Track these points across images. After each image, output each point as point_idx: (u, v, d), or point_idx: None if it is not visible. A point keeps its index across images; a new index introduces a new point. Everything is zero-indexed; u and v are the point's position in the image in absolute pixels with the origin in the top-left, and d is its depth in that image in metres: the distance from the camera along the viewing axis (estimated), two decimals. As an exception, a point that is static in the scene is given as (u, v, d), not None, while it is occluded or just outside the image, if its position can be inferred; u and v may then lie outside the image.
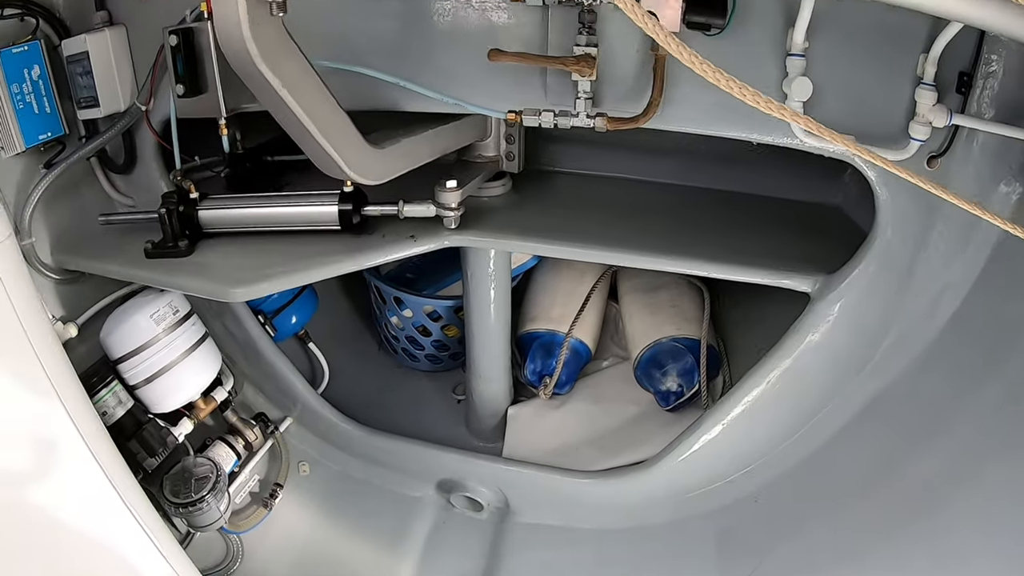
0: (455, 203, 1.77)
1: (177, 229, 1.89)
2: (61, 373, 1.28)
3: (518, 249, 1.84)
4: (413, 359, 2.64)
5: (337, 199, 1.82)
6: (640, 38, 1.52)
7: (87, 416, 1.32)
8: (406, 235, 1.83)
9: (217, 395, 2.25)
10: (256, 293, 1.73)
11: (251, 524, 2.37)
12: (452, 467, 2.36)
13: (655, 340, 2.18)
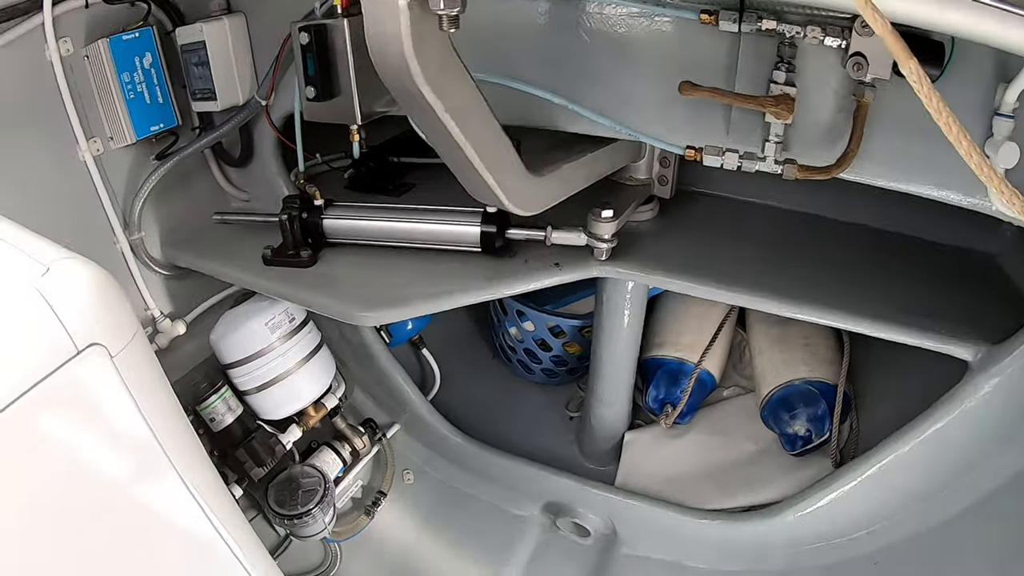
0: (609, 234, 1.60)
1: (299, 237, 1.78)
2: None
3: (664, 285, 1.67)
4: (528, 371, 2.49)
5: (480, 219, 1.67)
6: (839, 79, 1.30)
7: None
8: (550, 262, 1.67)
9: (328, 402, 2.14)
10: (388, 318, 1.62)
11: (352, 532, 2.27)
12: (562, 491, 2.22)
13: (787, 381, 2.00)
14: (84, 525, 1.04)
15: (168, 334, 1.98)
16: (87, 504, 1.04)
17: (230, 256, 1.88)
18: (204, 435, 2.00)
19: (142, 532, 1.13)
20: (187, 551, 1.24)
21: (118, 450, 1.07)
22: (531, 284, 1.65)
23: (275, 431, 2.04)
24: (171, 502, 1.17)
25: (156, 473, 1.13)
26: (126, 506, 1.10)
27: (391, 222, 1.75)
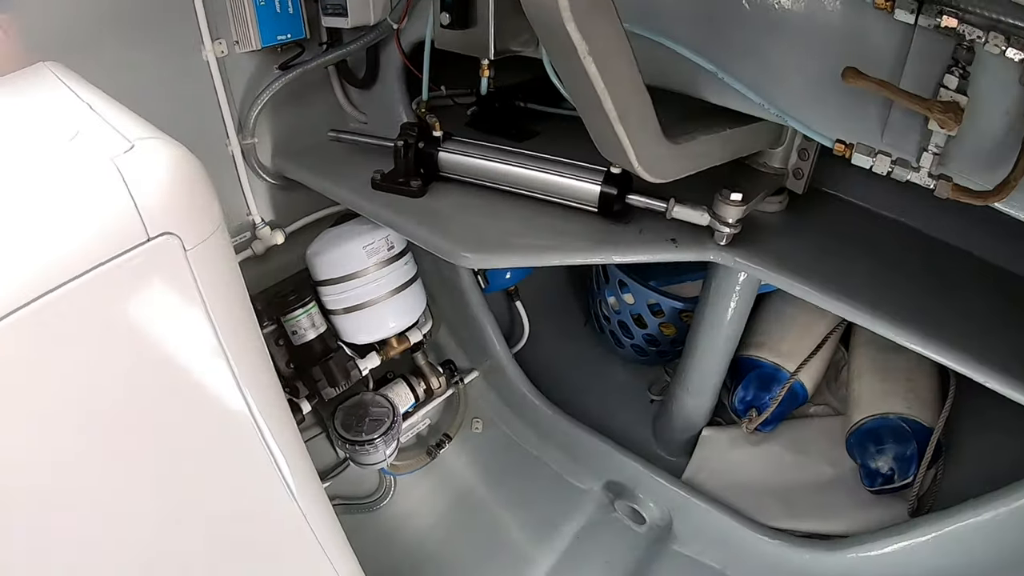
0: (734, 219, 1.47)
1: (412, 165, 1.69)
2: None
3: (780, 284, 1.52)
4: (618, 345, 2.38)
5: (602, 178, 1.55)
6: (1015, 98, 1.10)
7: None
8: (666, 237, 1.54)
9: (412, 336, 2.09)
10: (490, 263, 1.52)
11: (410, 468, 2.24)
12: (627, 472, 2.12)
13: (882, 413, 1.83)
14: (129, 416, 0.99)
15: (266, 242, 1.96)
16: (135, 397, 0.98)
17: (339, 175, 1.82)
18: (284, 346, 1.99)
19: (188, 432, 1.08)
20: (233, 459, 1.18)
21: (178, 350, 1.00)
22: (643, 256, 1.52)
23: (354, 355, 1.99)
24: (224, 409, 1.11)
25: (214, 379, 1.07)
26: (176, 406, 1.04)
27: (509, 165, 1.64)
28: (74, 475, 0.96)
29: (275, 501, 1.27)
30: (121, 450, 1.00)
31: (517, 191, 1.65)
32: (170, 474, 1.09)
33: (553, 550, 2.13)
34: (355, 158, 1.86)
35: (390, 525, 2.20)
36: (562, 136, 1.64)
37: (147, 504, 1.08)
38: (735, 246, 1.53)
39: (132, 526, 1.08)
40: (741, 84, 1.32)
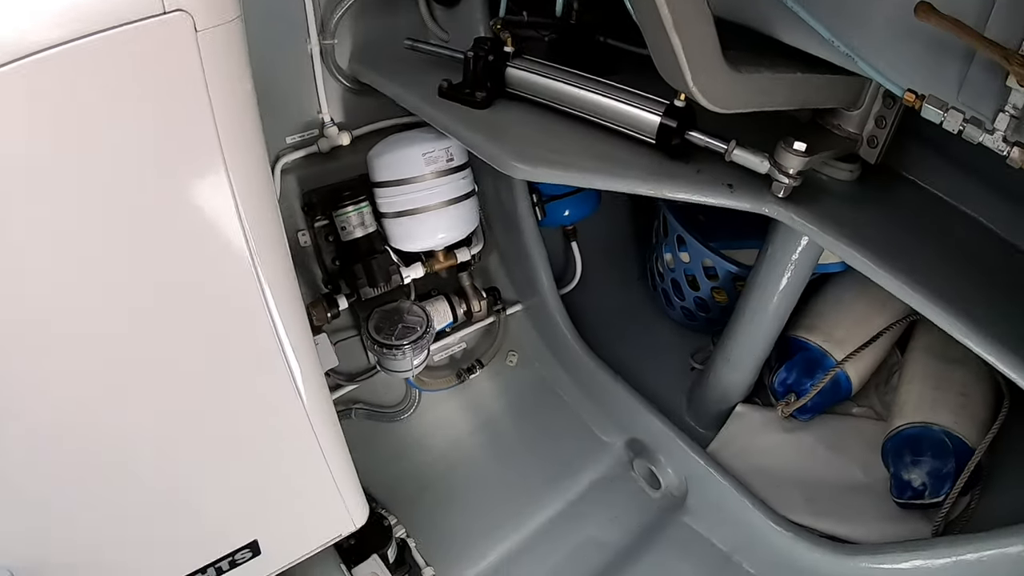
0: (795, 170, 1.33)
1: (480, 77, 1.61)
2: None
3: (843, 254, 1.37)
4: (668, 304, 2.28)
5: (663, 110, 1.45)
6: None
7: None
8: (723, 181, 1.42)
9: (460, 254, 2.03)
10: (540, 176, 1.44)
11: (438, 387, 2.19)
12: (654, 433, 2.03)
13: (926, 421, 1.67)
14: (108, 214, 0.93)
15: (332, 141, 1.94)
16: (120, 188, 0.92)
17: (410, 82, 1.76)
18: (333, 242, 1.98)
19: (171, 247, 1.00)
20: (223, 286, 1.09)
21: (175, 143, 0.93)
22: (695, 195, 1.41)
23: (399, 262, 1.95)
24: (219, 230, 1.03)
25: (209, 191, 0.99)
26: (165, 212, 0.97)
27: (573, 87, 1.54)
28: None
29: (266, 353, 1.19)
30: (100, 254, 0.95)
31: (579, 114, 1.56)
32: (153, 292, 1.02)
33: (563, 495, 2.07)
34: (428, 69, 1.79)
35: (409, 438, 2.17)
36: (638, 78, 1.55)
37: (123, 318, 1.02)
38: (795, 202, 1.40)
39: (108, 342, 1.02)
40: (814, 19, 1.19)
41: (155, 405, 1.11)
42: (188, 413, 1.15)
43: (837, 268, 1.91)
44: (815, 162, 1.34)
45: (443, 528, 2.01)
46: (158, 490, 1.19)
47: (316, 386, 1.30)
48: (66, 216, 0.90)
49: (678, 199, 1.43)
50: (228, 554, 1.31)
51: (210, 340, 1.12)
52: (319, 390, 1.31)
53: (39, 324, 0.95)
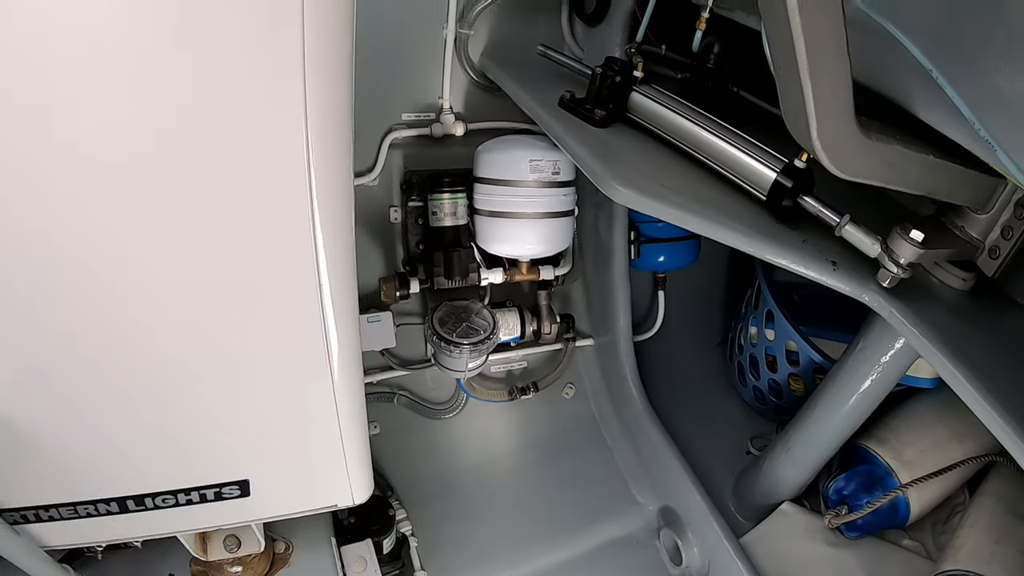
0: (907, 260, 1.18)
1: (603, 96, 1.54)
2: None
3: (938, 365, 1.19)
4: (741, 380, 2.11)
5: (781, 167, 1.32)
6: None
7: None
8: (828, 256, 1.28)
9: (544, 271, 1.94)
10: (639, 205, 1.33)
11: (487, 397, 2.09)
12: (690, 507, 1.87)
13: (979, 573, 1.45)
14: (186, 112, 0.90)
15: (446, 128, 1.91)
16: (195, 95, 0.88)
17: (532, 87, 1.70)
18: (422, 226, 1.93)
19: (234, 162, 0.96)
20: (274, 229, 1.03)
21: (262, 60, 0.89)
22: (796, 265, 1.26)
23: (481, 262, 1.88)
24: (285, 147, 0.97)
25: (286, 111, 0.94)
26: (233, 123, 0.93)
27: (692, 123, 1.43)
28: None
29: (304, 296, 1.11)
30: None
31: (694, 154, 1.44)
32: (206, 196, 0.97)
33: (580, 543, 1.94)
34: (554, 80, 1.73)
35: (445, 439, 2.08)
36: (763, 136, 1.44)
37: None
38: (899, 297, 1.24)
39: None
40: (955, 91, 1.04)
41: (181, 301, 1.05)
42: (211, 324, 1.09)
43: (926, 384, 1.70)
44: (929, 257, 1.18)
45: (450, 538, 1.91)
46: (161, 394, 1.13)
47: (349, 351, 1.21)
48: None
49: (777, 264, 1.28)
50: (216, 484, 1.25)
51: (252, 261, 1.05)
52: (351, 355, 1.22)
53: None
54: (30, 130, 0.85)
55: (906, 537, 1.74)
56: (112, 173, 0.91)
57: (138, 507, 1.23)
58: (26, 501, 1.18)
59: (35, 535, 1.22)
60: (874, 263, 1.23)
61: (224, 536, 1.46)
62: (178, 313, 1.06)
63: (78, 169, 0.89)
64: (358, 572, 1.57)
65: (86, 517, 1.22)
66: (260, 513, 1.35)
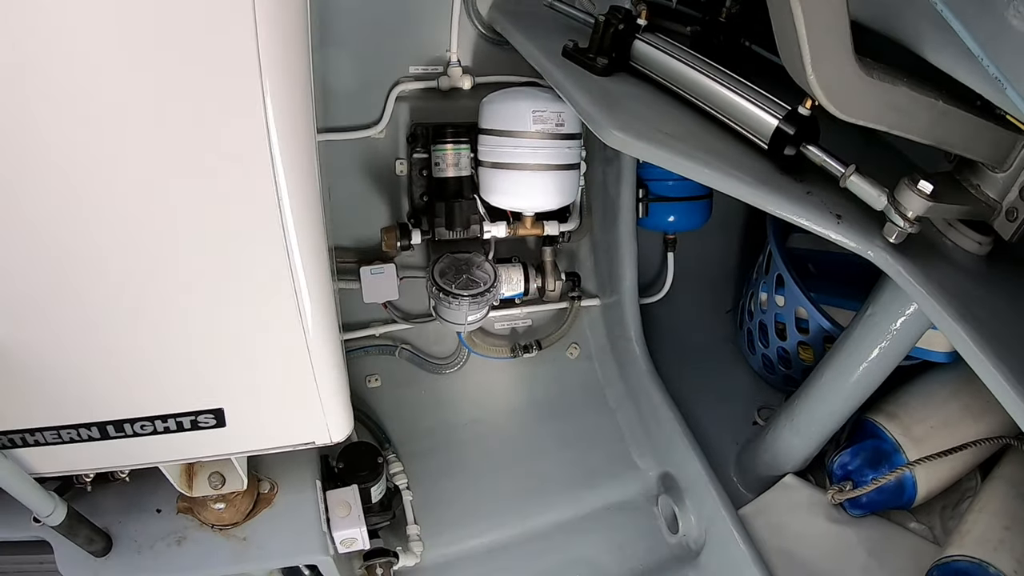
0: (914, 213, 1.05)
1: (605, 44, 1.43)
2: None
3: (950, 333, 1.07)
4: (750, 348, 1.99)
5: (784, 114, 1.20)
6: None
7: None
8: (832, 209, 1.15)
9: (549, 227, 1.83)
10: (633, 149, 1.23)
11: (488, 353, 2.00)
12: (690, 474, 1.76)
13: (982, 560, 1.34)
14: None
15: (453, 81, 1.82)
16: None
17: (538, 38, 1.59)
18: (425, 178, 1.84)
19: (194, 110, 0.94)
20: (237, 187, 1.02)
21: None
22: (799, 217, 1.14)
23: (484, 214, 1.79)
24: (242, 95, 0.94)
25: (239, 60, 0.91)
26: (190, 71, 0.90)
27: (693, 69, 1.32)
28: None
29: (268, 237, 1.08)
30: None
31: (696, 102, 1.33)
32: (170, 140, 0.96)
33: (576, 505, 1.85)
34: (563, 31, 1.60)
35: (445, 394, 2.00)
36: (772, 88, 1.32)
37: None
38: (908, 256, 1.11)
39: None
40: (963, 26, 0.91)
41: (156, 239, 1.04)
42: (184, 257, 1.07)
43: (940, 358, 1.56)
44: (939, 212, 1.05)
45: (444, 493, 1.84)
46: (137, 322, 1.11)
47: (318, 287, 1.16)
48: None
49: (779, 215, 1.16)
50: (192, 411, 1.22)
51: (219, 201, 1.03)
52: (321, 293, 1.17)
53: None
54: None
55: (913, 520, 1.63)
56: (92, 126, 0.92)
57: (118, 433, 1.22)
58: (9, 424, 1.18)
59: (22, 460, 1.23)
60: (882, 218, 1.11)
61: (209, 473, 1.43)
62: (154, 249, 1.05)
63: (66, 110, 0.90)
64: (341, 516, 1.51)
65: (69, 442, 1.21)
66: (237, 446, 1.32)
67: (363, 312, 1.94)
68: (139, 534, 1.42)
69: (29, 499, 1.23)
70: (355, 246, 1.89)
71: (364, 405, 1.94)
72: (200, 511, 1.46)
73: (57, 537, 1.34)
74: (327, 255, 1.18)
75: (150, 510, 1.47)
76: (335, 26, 1.67)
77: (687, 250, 2.09)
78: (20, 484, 1.20)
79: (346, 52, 1.71)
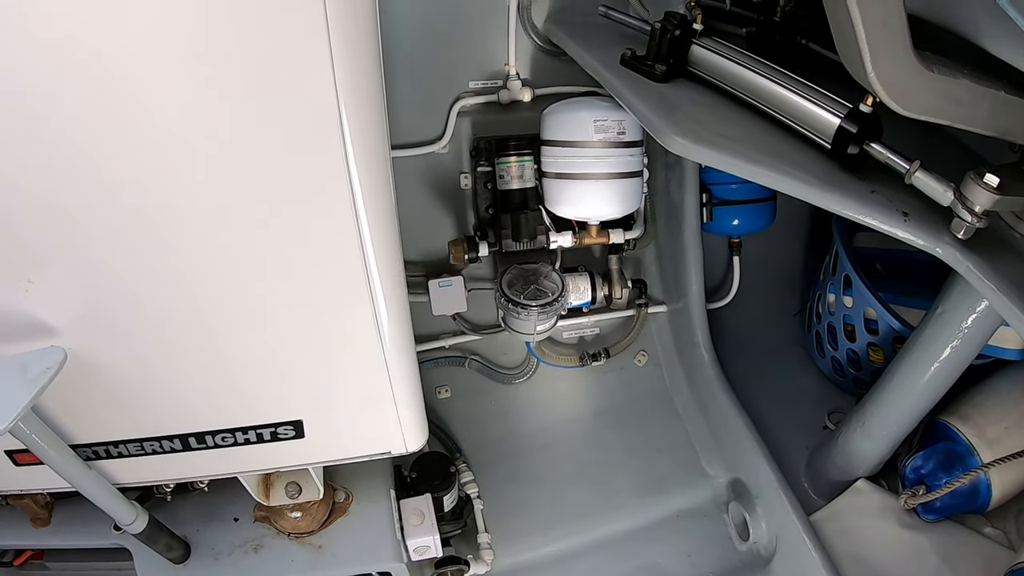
0: (982, 207, 1.03)
1: (663, 51, 1.43)
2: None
3: (1022, 328, 1.08)
4: (819, 351, 1.96)
5: (845, 112, 1.19)
6: None
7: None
8: (898, 207, 1.13)
9: (614, 235, 1.83)
10: (694, 154, 1.24)
11: (557, 362, 2.02)
12: (760, 481, 1.74)
13: None
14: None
15: (513, 94, 1.84)
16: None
17: (595, 48, 1.61)
18: (491, 191, 1.87)
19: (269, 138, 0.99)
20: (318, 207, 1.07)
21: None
22: (865, 216, 1.12)
23: (550, 225, 1.80)
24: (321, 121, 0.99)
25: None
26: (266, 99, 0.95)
27: (753, 72, 1.31)
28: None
29: (348, 259, 1.13)
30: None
31: (758, 105, 1.32)
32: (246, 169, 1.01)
33: (646, 512, 1.85)
34: (618, 40, 1.61)
35: (514, 403, 2.03)
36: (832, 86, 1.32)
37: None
38: (977, 252, 1.09)
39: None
40: (1019, 13, 0.89)
41: (237, 260, 1.10)
42: (264, 277, 1.13)
43: (1013, 356, 1.51)
44: (1007, 205, 1.03)
45: (514, 501, 1.86)
46: (219, 339, 1.18)
47: (395, 302, 1.20)
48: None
49: (845, 215, 1.15)
50: (272, 423, 1.28)
51: (299, 219, 1.08)
52: (397, 307, 1.21)
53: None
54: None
55: (988, 524, 1.58)
56: (179, 148, 0.97)
57: (200, 445, 1.28)
58: (97, 437, 1.24)
59: (106, 472, 1.30)
60: (949, 214, 1.09)
61: (286, 482, 1.49)
62: (238, 270, 1.11)
63: (152, 137, 0.95)
64: (415, 525, 1.55)
65: (152, 454, 1.28)
66: (315, 456, 1.37)
67: (433, 324, 1.98)
68: (217, 542, 1.48)
69: (112, 508, 1.30)
70: (423, 260, 1.94)
71: (435, 415, 1.98)
72: (277, 520, 1.52)
73: (137, 545, 1.40)
74: (402, 270, 1.22)
75: (228, 519, 1.53)
76: (394, 45, 1.71)
77: (753, 253, 2.07)
78: (104, 494, 1.27)
79: (407, 70, 1.76)
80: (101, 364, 1.14)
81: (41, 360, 1.06)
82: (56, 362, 1.06)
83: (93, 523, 1.45)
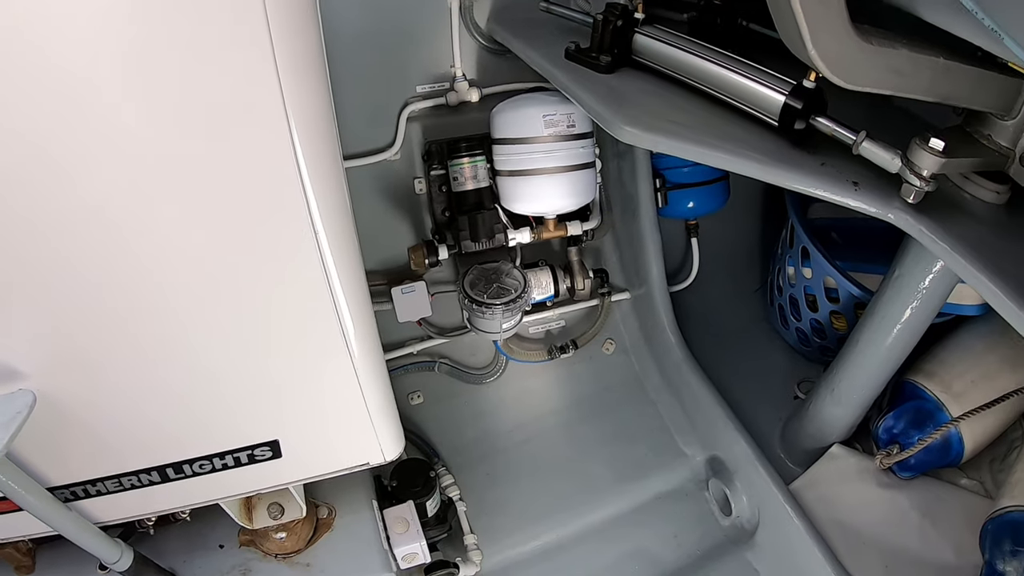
0: (929, 171, 1.06)
1: (606, 42, 1.45)
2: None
3: (979, 286, 1.08)
4: (783, 323, 1.99)
5: (789, 90, 1.22)
6: None
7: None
8: (849, 177, 1.16)
9: (572, 227, 1.84)
10: (644, 141, 1.25)
11: (526, 358, 2.02)
12: (737, 455, 1.77)
13: None
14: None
15: (461, 95, 1.84)
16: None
17: (539, 44, 1.61)
18: (445, 193, 1.87)
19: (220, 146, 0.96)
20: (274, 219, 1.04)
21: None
22: (817, 188, 1.15)
23: (507, 222, 1.81)
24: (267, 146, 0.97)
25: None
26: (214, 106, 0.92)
27: (697, 57, 1.33)
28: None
29: (308, 269, 1.11)
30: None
31: (703, 88, 1.34)
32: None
33: (628, 498, 1.86)
34: (562, 34, 1.63)
35: (487, 403, 2.03)
36: (779, 67, 1.34)
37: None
38: (928, 215, 1.11)
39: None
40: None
41: (199, 283, 1.07)
42: (227, 299, 1.10)
43: (971, 311, 1.56)
44: (953, 167, 1.06)
45: (497, 500, 1.86)
46: (188, 366, 1.15)
47: (360, 313, 1.19)
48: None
49: (797, 189, 1.17)
50: (248, 446, 1.25)
51: (257, 237, 1.06)
52: (363, 318, 1.20)
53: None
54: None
55: (963, 476, 1.62)
56: (130, 174, 0.94)
57: (178, 475, 1.26)
58: (73, 477, 1.21)
59: (86, 511, 1.26)
60: (898, 180, 1.12)
61: (268, 504, 1.47)
62: (200, 295, 1.08)
63: (103, 163, 0.92)
64: (400, 533, 1.54)
65: (131, 489, 1.25)
66: (295, 474, 1.35)
67: (399, 331, 1.97)
68: (205, 571, 1.46)
69: (96, 548, 1.26)
70: (384, 268, 1.92)
71: (410, 422, 1.97)
72: (262, 542, 1.50)
73: (124, 582, 1.37)
74: (364, 280, 1.21)
75: (213, 547, 1.50)
76: (339, 56, 1.69)
77: (710, 234, 2.10)
78: (86, 535, 1.24)
79: (353, 80, 1.74)
80: (72, 403, 1.11)
81: (10, 404, 1.03)
82: (26, 405, 1.03)
83: (78, 564, 1.41)
